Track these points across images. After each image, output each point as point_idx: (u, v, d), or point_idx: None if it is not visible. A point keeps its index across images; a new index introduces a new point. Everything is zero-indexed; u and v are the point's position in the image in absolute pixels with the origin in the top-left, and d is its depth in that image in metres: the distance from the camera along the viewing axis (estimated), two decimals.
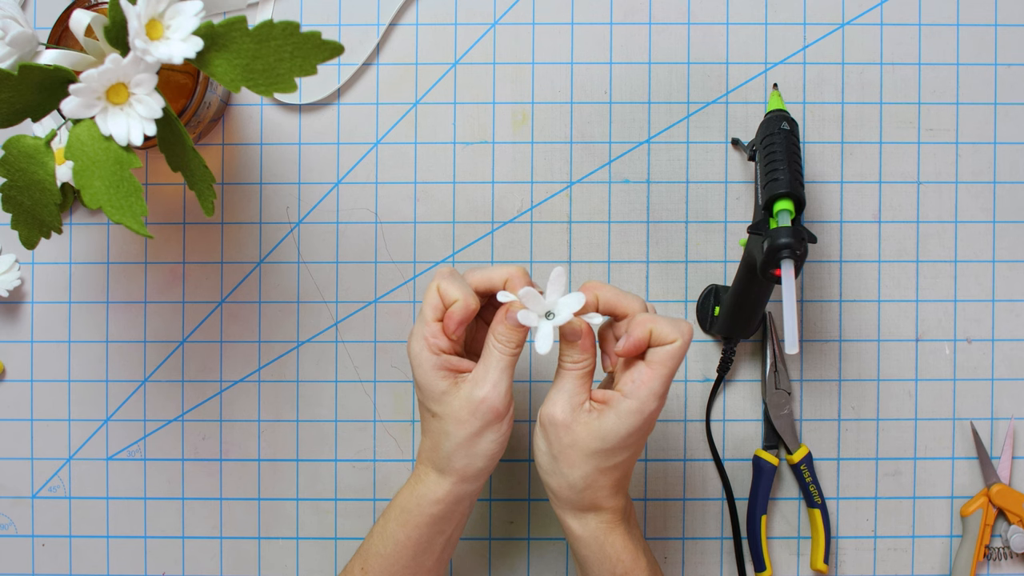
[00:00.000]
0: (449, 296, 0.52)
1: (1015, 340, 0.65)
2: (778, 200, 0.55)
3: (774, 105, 0.60)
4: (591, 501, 0.52)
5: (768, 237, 0.53)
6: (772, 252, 0.53)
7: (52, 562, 0.65)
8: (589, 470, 0.51)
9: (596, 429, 0.50)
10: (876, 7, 0.65)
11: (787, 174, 0.55)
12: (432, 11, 0.65)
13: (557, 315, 0.51)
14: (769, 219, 0.55)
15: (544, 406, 0.52)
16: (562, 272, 0.51)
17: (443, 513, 0.53)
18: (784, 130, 0.58)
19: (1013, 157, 0.65)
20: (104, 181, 0.48)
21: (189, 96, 0.57)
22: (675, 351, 0.50)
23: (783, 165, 0.56)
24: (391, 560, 0.54)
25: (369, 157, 0.65)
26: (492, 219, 0.65)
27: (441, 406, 0.52)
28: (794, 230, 0.53)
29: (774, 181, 0.55)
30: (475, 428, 0.51)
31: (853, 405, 0.65)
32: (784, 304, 0.52)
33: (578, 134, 0.65)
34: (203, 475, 0.65)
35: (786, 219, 0.54)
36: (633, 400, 0.50)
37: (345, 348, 0.65)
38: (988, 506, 0.64)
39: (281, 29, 0.47)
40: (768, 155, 0.57)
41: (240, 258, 0.65)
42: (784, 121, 0.58)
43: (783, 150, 0.56)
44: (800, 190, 0.55)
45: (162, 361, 0.65)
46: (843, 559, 0.65)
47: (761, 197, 0.56)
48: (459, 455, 0.52)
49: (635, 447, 0.51)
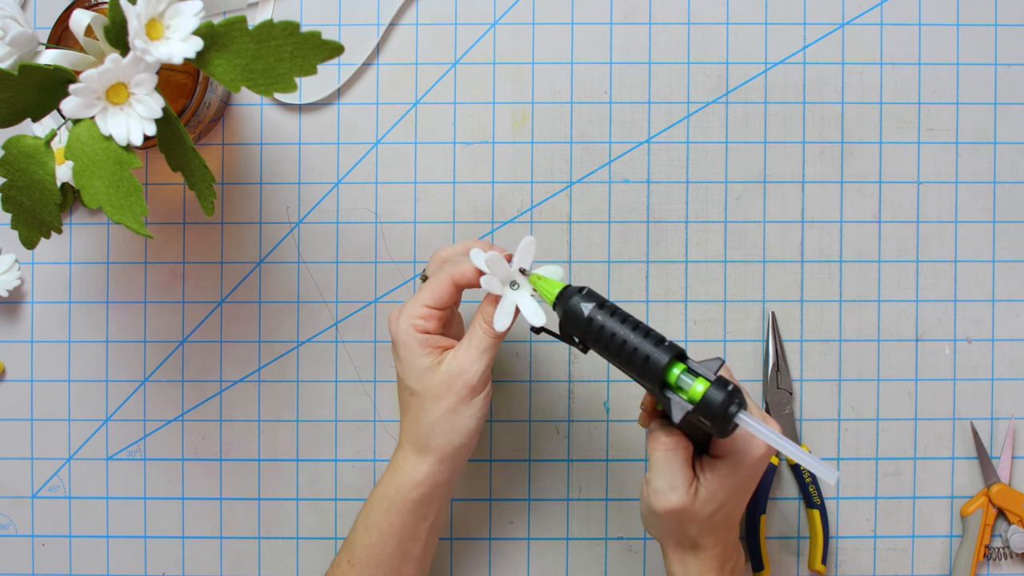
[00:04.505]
0: (466, 281, 0.53)
1: (1015, 340, 0.65)
2: (667, 371, 0.48)
3: (546, 287, 0.52)
4: None
5: (703, 408, 0.47)
6: (720, 419, 0.46)
7: (52, 562, 0.65)
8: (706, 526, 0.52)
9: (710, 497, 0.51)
10: (876, 7, 0.65)
11: (647, 344, 0.48)
12: (432, 11, 0.65)
13: (521, 286, 0.51)
14: (676, 392, 0.48)
15: (655, 497, 0.51)
16: (532, 241, 0.51)
17: (423, 498, 0.54)
18: (591, 310, 0.49)
19: (1013, 157, 0.65)
20: (104, 181, 0.48)
21: (189, 96, 0.57)
22: None
23: (633, 340, 0.48)
24: (376, 549, 0.54)
25: (369, 157, 0.65)
26: (492, 219, 0.65)
27: (421, 383, 0.52)
28: (716, 382, 0.47)
29: (646, 360, 0.48)
30: (451, 403, 0.52)
31: (853, 405, 0.65)
32: (786, 452, 0.47)
33: (578, 134, 0.65)
34: (203, 475, 0.65)
35: (689, 378, 0.48)
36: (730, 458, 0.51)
37: (345, 348, 0.65)
38: (988, 506, 0.64)
39: (281, 29, 0.47)
40: (608, 345, 0.49)
41: (240, 258, 0.65)
42: (577, 298, 0.50)
43: (613, 329, 0.49)
44: (666, 344, 0.48)
45: (162, 361, 0.65)
46: (843, 559, 0.65)
47: (649, 381, 0.49)
48: (437, 431, 0.52)
49: None
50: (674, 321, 0.65)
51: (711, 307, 0.65)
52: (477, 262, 0.52)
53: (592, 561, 0.65)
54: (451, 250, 0.56)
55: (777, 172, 0.65)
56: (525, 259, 0.51)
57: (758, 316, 0.65)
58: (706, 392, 0.47)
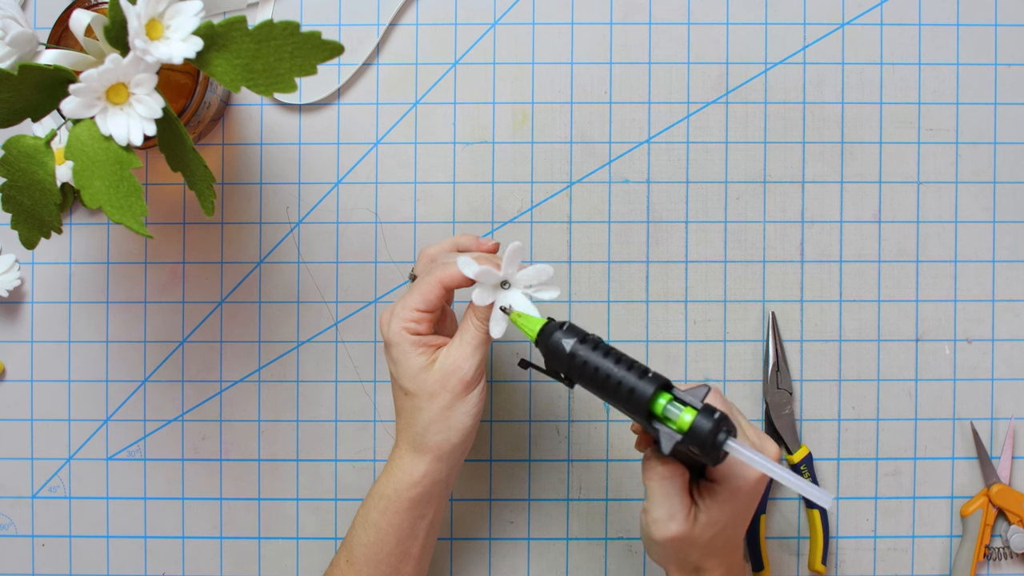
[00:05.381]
0: (455, 283, 0.53)
1: (1015, 340, 0.65)
2: (653, 403, 0.47)
3: (527, 325, 0.51)
4: None
5: (692, 438, 0.46)
6: (710, 448, 0.46)
7: (52, 562, 0.65)
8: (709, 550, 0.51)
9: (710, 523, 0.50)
10: (876, 7, 0.65)
11: (631, 376, 0.48)
12: (432, 11, 0.65)
13: (512, 287, 0.52)
14: (664, 423, 0.47)
15: (655, 527, 0.50)
16: (519, 247, 0.51)
17: (421, 497, 0.54)
18: (572, 346, 0.49)
19: (1013, 157, 0.65)
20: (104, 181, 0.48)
21: (189, 96, 0.57)
22: None
23: (617, 373, 0.48)
24: (375, 548, 0.55)
25: (369, 157, 0.65)
26: (492, 219, 0.65)
27: (415, 383, 0.52)
28: (703, 410, 0.46)
29: (631, 392, 0.47)
30: (446, 400, 0.52)
31: (853, 405, 0.65)
32: (779, 478, 0.46)
33: (578, 134, 0.65)
34: (203, 475, 0.65)
35: (677, 408, 0.47)
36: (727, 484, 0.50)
37: (345, 348, 0.65)
38: (988, 506, 0.64)
39: (281, 29, 0.47)
40: (592, 379, 0.49)
41: (240, 258, 0.65)
42: (559, 334, 0.49)
43: (596, 364, 0.48)
44: (651, 376, 0.48)
45: (162, 361, 0.65)
46: (843, 559, 0.65)
47: (636, 414, 0.48)
48: (433, 429, 0.52)
49: None
50: (674, 321, 0.65)
51: (711, 307, 0.65)
52: (467, 272, 0.51)
53: (592, 561, 0.65)
54: (438, 247, 0.56)
55: (777, 172, 0.65)
56: (512, 265, 0.51)
57: (758, 316, 0.65)
58: (693, 421, 0.46)
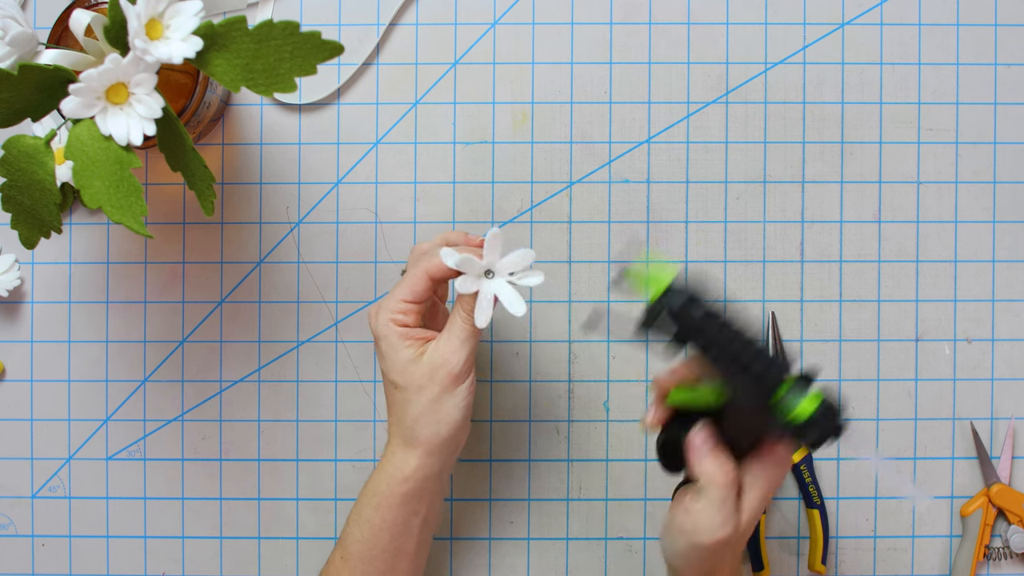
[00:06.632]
0: (441, 274, 0.53)
1: (1015, 340, 0.65)
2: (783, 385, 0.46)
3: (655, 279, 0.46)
4: None
5: (818, 429, 0.46)
6: (832, 434, 0.46)
7: (52, 562, 0.65)
8: None
9: None
10: (876, 7, 0.65)
11: (778, 355, 0.46)
12: (432, 11, 0.65)
13: (496, 276, 0.52)
14: (789, 403, 0.46)
15: (704, 533, 0.48)
16: (498, 233, 0.51)
17: (413, 492, 0.54)
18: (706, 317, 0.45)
19: (1013, 157, 0.65)
20: (104, 181, 0.48)
21: (189, 96, 0.57)
22: None
23: (753, 347, 0.45)
24: (369, 545, 0.54)
25: (369, 157, 0.65)
26: (492, 219, 0.65)
27: (404, 376, 0.53)
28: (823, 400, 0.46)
29: (766, 367, 0.45)
30: (435, 393, 0.52)
31: (853, 405, 0.65)
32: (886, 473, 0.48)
33: (578, 134, 0.65)
34: (203, 475, 0.65)
35: (811, 400, 0.45)
36: None
37: (345, 348, 0.65)
38: (988, 506, 0.64)
39: (281, 29, 0.47)
40: (724, 346, 0.45)
41: (240, 258, 0.65)
42: (690, 301, 0.45)
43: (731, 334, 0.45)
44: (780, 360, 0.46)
45: (162, 361, 0.65)
46: (843, 559, 0.65)
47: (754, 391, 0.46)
48: (423, 422, 0.52)
49: None
50: None
51: None
52: (447, 262, 0.51)
53: (592, 561, 0.65)
54: (429, 244, 0.56)
55: (777, 172, 0.65)
56: (493, 252, 0.51)
57: (758, 316, 0.65)
58: (819, 406, 0.45)
